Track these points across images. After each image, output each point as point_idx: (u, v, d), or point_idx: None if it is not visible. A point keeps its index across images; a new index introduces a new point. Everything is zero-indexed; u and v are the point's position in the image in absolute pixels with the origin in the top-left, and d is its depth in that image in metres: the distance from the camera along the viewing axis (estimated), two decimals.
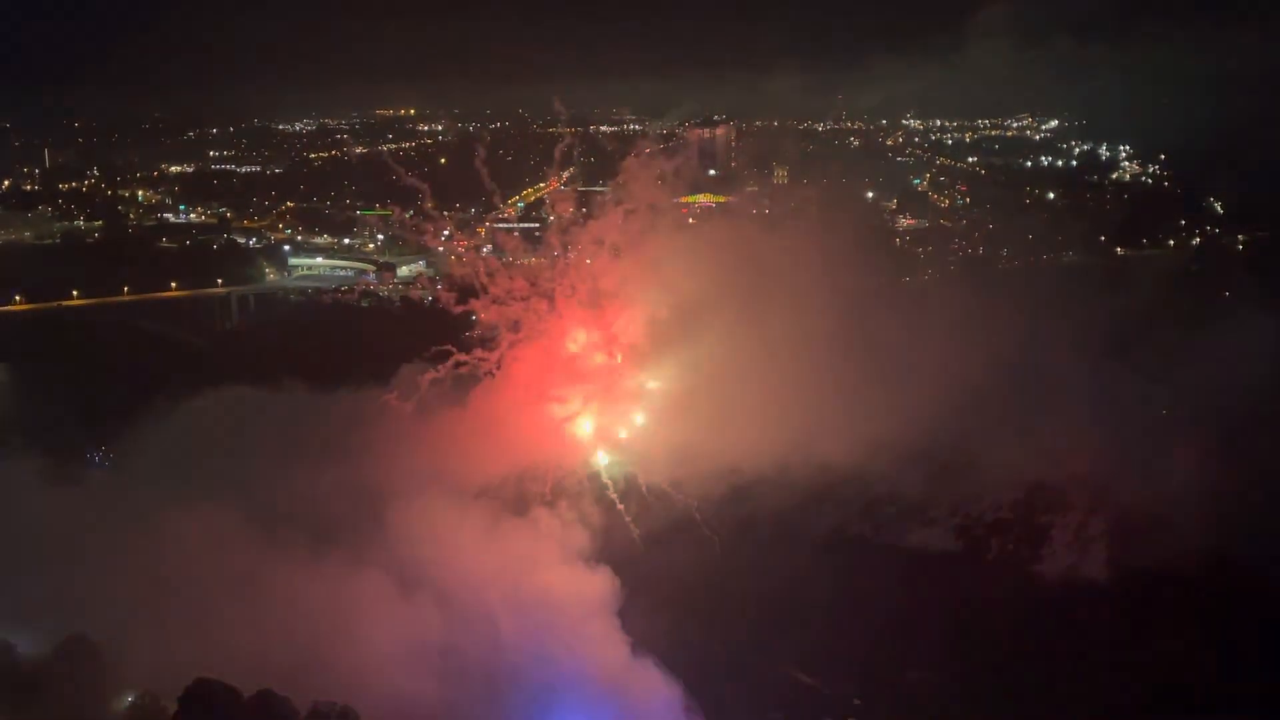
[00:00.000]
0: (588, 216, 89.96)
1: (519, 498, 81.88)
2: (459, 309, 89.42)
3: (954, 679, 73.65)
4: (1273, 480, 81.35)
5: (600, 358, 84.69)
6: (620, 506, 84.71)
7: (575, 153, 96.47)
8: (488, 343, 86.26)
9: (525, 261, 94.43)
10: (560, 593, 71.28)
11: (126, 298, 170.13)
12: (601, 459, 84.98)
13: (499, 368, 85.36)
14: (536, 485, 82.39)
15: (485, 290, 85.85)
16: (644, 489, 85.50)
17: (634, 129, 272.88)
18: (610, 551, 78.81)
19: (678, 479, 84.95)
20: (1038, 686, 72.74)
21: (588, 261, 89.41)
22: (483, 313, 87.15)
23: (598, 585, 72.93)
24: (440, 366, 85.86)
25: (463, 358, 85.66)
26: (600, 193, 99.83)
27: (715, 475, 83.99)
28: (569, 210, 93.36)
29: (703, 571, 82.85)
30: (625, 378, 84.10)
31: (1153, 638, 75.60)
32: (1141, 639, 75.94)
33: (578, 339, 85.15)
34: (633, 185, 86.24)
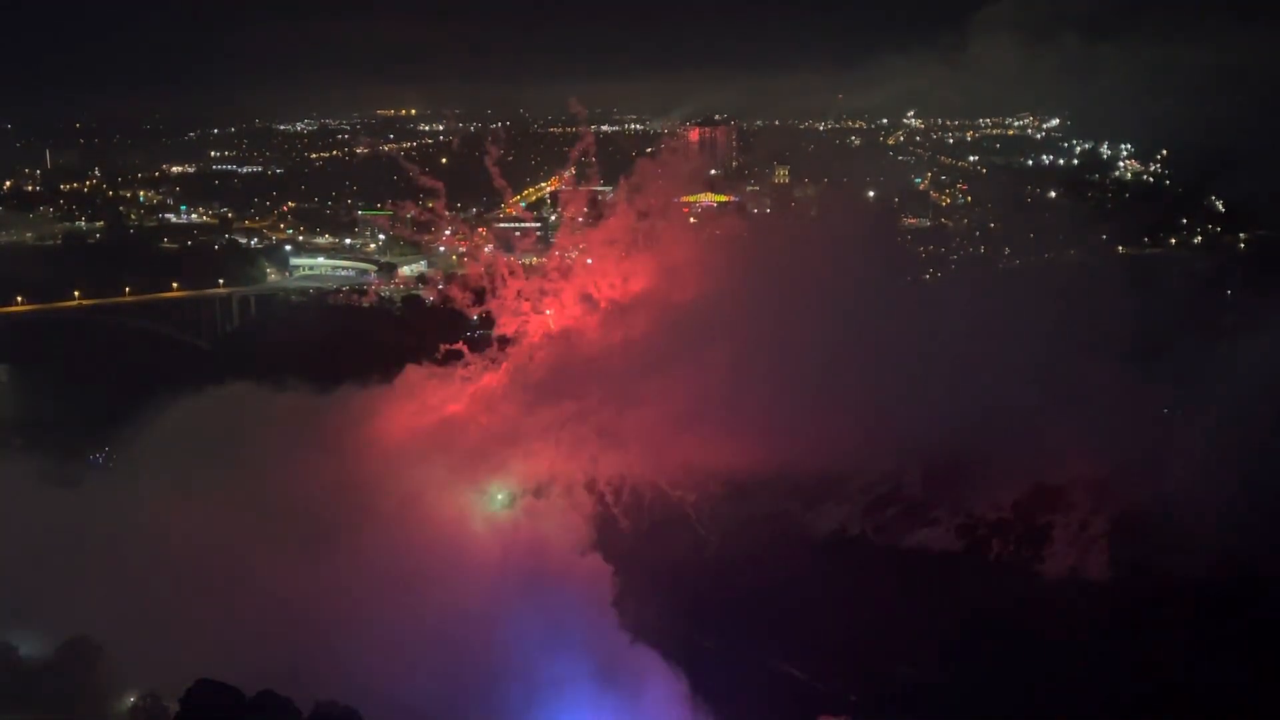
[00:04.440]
0: (591, 215, 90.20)
1: (519, 494, 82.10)
2: (461, 309, 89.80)
3: (950, 677, 73.61)
4: (1276, 480, 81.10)
5: (606, 355, 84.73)
6: (618, 505, 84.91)
7: (578, 152, 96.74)
8: (491, 342, 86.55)
9: (529, 261, 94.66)
10: (558, 585, 71.45)
11: (128, 298, 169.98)
12: (602, 456, 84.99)
13: (503, 367, 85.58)
14: (538, 482, 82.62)
15: (492, 291, 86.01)
16: (643, 488, 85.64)
17: (635, 128, 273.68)
18: (608, 549, 79.12)
19: (678, 477, 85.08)
20: (1034, 685, 72.59)
21: (589, 261, 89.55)
22: (484, 311, 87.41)
23: (595, 578, 73.20)
24: (444, 366, 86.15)
25: (471, 359, 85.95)
26: (602, 192, 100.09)
27: (716, 473, 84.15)
28: (574, 209, 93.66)
29: (699, 570, 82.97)
30: (631, 375, 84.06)
31: (1152, 638, 75.38)
32: (1141, 639, 75.73)
33: (584, 337, 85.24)
34: (637, 185, 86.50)
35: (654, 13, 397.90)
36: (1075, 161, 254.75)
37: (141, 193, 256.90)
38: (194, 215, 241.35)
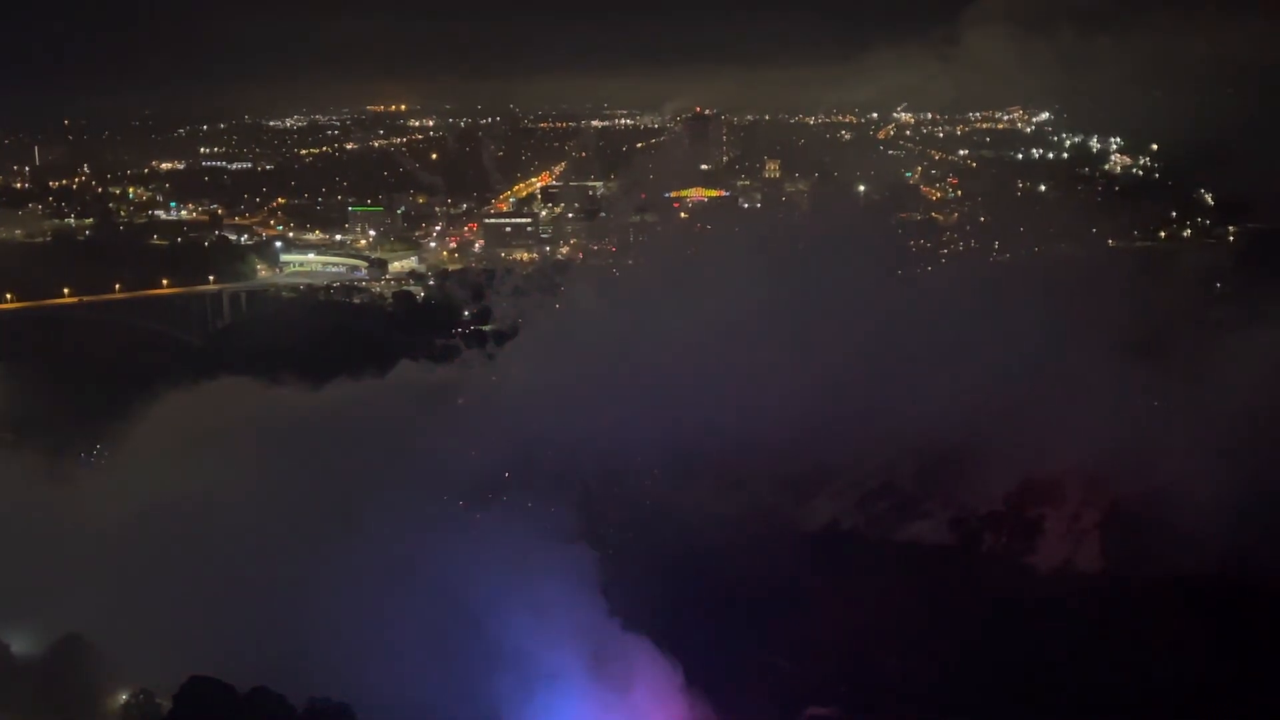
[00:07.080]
0: (582, 210, 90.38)
1: (514, 486, 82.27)
2: (454, 304, 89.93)
3: (940, 670, 73.73)
4: (1270, 475, 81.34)
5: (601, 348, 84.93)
6: (613, 499, 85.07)
7: (568, 147, 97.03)
8: (486, 337, 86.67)
9: (521, 255, 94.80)
10: (549, 576, 71.44)
11: (118, 295, 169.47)
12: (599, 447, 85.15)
13: (497, 359, 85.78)
14: (533, 473, 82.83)
15: (486, 285, 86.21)
16: (638, 481, 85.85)
17: (626, 123, 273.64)
18: (603, 543, 79.09)
19: (672, 470, 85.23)
20: (1025, 679, 72.74)
21: (580, 256, 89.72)
22: (477, 307, 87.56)
23: (584, 566, 73.28)
24: (438, 361, 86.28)
25: (467, 354, 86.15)
26: (593, 187, 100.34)
27: (712, 467, 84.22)
28: (565, 204, 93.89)
29: (692, 562, 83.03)
30: (627, 367, 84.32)
31: (1144, 631, 75.54)
32: (1133, 632, 75.90)
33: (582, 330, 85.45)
34: (629, 180, 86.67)
35: (645, 7, 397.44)
36: (1065, 155, 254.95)
37: (131, 189, 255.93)
38: (184, 212, 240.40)
